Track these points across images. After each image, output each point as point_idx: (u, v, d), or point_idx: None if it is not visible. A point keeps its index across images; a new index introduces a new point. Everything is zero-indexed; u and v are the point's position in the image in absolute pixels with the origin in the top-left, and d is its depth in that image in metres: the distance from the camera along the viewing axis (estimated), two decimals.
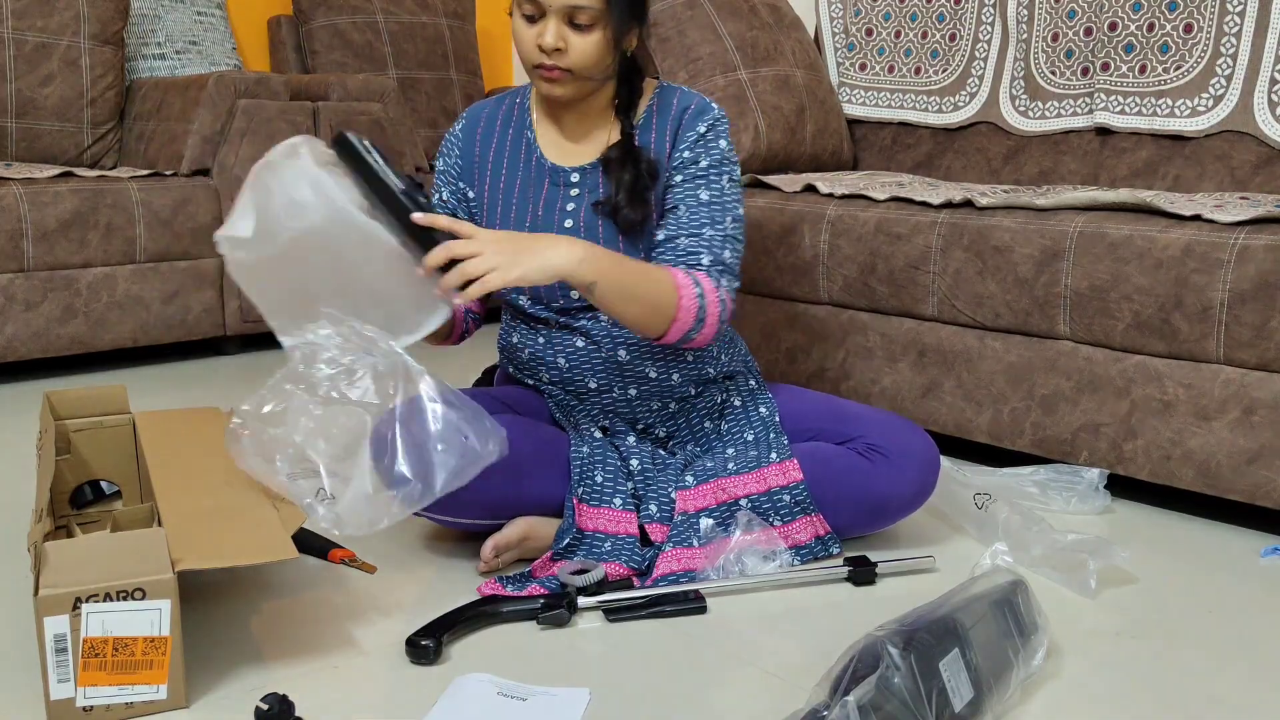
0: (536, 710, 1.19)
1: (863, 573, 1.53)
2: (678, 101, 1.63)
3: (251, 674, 1.25)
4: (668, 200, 1.60)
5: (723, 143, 1.61)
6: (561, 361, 1.63)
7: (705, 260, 1.56)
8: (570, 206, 1.61)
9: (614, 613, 1.41)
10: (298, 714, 1.14)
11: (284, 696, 1.14)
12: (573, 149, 1.64)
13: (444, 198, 1.67)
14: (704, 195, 1.59)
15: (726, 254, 1.57)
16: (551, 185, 1.62)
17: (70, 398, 1.68)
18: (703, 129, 1.60)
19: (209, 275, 2.94)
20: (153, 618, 1.13)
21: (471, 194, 1.67)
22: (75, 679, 1.11)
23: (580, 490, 1.56)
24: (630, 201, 1.56)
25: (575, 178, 1.62)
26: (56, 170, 2.77)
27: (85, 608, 1.10)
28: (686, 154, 1.60)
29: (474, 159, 1.66)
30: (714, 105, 1.64)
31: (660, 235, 1.59)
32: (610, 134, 1.63)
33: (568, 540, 1.52)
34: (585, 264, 1.41)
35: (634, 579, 1.50)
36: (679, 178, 1.60)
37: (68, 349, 2.73)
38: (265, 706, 1.12)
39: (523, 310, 1.63)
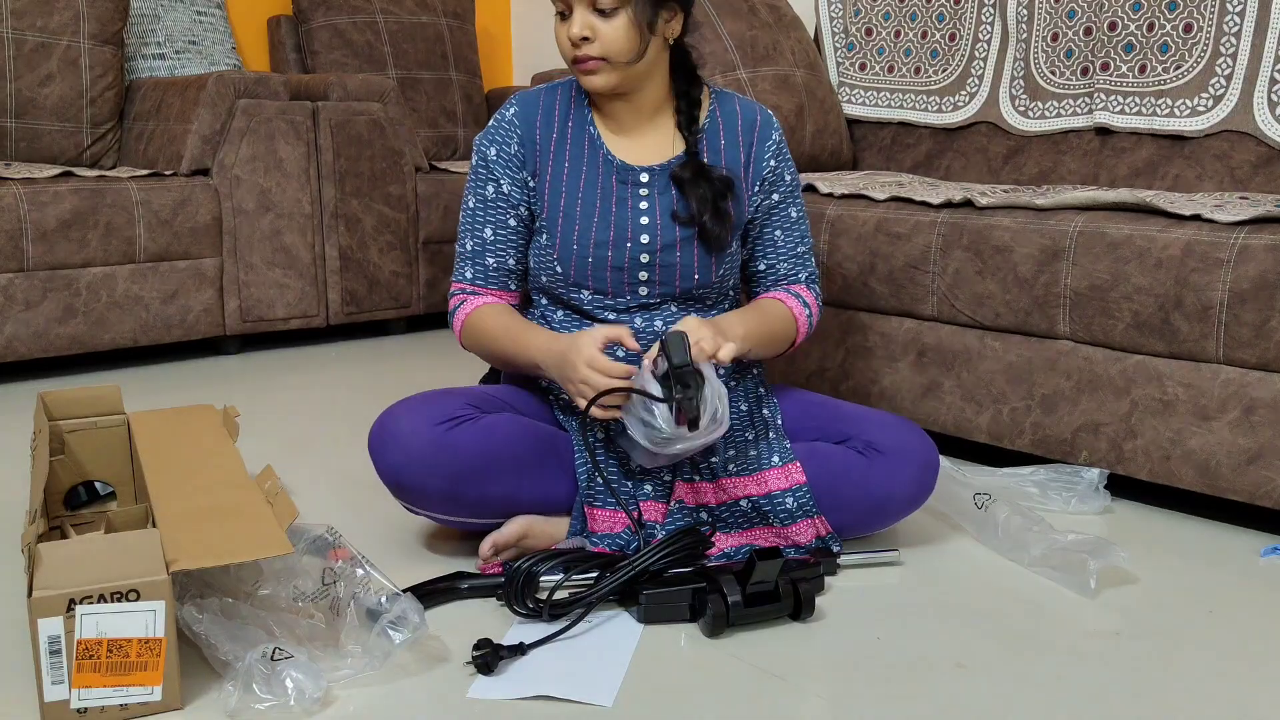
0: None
1: (826, 564, 1.53)
2: (740, 109, 1.69)
3: None
4: (762, 219, 1.69)
5: (787, 148, 1.72)
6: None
7: (803, 276, 1.74)
8: (644, 206, 1.61)
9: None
10: None
11: None
12: (637, 147, 1.64)
13: (503, 189, 1.63)
14: (794, 214, 1.72)
15: (813, 263, 1.75)
16: (620, 183, 1.62)
17: (65, 398, 1.67)
18: (776, 137, 1.70)
19: (209, 275, 2.94)
20: (147, 619, 1.12)
21: (532, 183, 1.64)
22: (70, 681, 1.11)
23: (586, 495, 1.55)
24: (714, 217, 1.60)
25: (645, 178, 1.62)
26: (56, 170, 2.77)
27: (79, 609, 1.10)
28: (773, 164, 1.69)
29: (535, 147, 1.63)
30: (766, 109, 1.72)
31: (761, 265, 1.72)
32: (674, 134, 1.65)
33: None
34: (746, 341, 1.56)
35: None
36: (775, 196, 1.69)
37: (67, 349, 2.73)
38: None
39: (578, 307, 1.64)
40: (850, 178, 2.44)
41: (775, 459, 1.59)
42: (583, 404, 1.46)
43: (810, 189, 2.30)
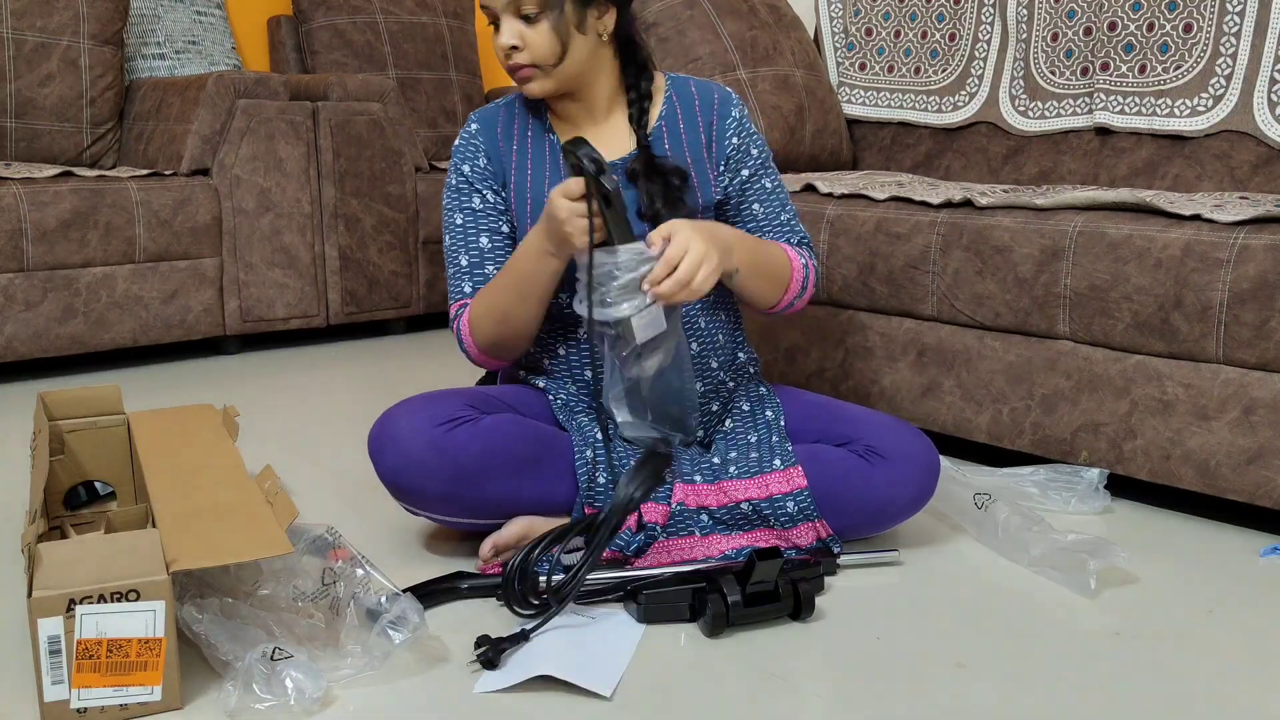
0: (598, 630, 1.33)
1: (826, 564, 1.53)
2: (696, 91, 1.70)
3: None
4: (737, 196, 1.70)
5: (751, 123, 1.71)
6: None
7: (794, 241, 1.72)
8: None
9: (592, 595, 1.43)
10: None
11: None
12: (596, 145, 1.62)
13: (488, 199, 1.64)
14: (768, 184, 1.71)
15: (801, 228, 1.74)
16: None
17: (64, 398, 1.67)
18: (737, 114, 1.70)
19: (209, 275, 2.94)
20: (147, 619, 1.12)
21: (503, 193, 1.65)
22: (69, 681, 1.11)
23: (587, 495, 1.56)
24: (669, 208, 1.58)
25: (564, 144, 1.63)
26: (56, 170, 2.77)
27: (79, 609, 1.10)
28: (735, 140, 1.68)
29: (500, 157, 1.65)
30: (724, 87, 1.73)
31: None
32: (629, 128, 1.65)
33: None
34: (731, 252, 1.50)
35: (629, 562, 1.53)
36: (745, 172, 1.69)
37: (67, 349, 2.73)
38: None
39: (555, 313, 1.63)
40: (850, 178, 2.44)
41: (777, 462, 1.59)
42: (579, 233, 1.42)
43: (810, 189, 2.30)
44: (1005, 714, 1.19)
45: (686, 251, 1.39)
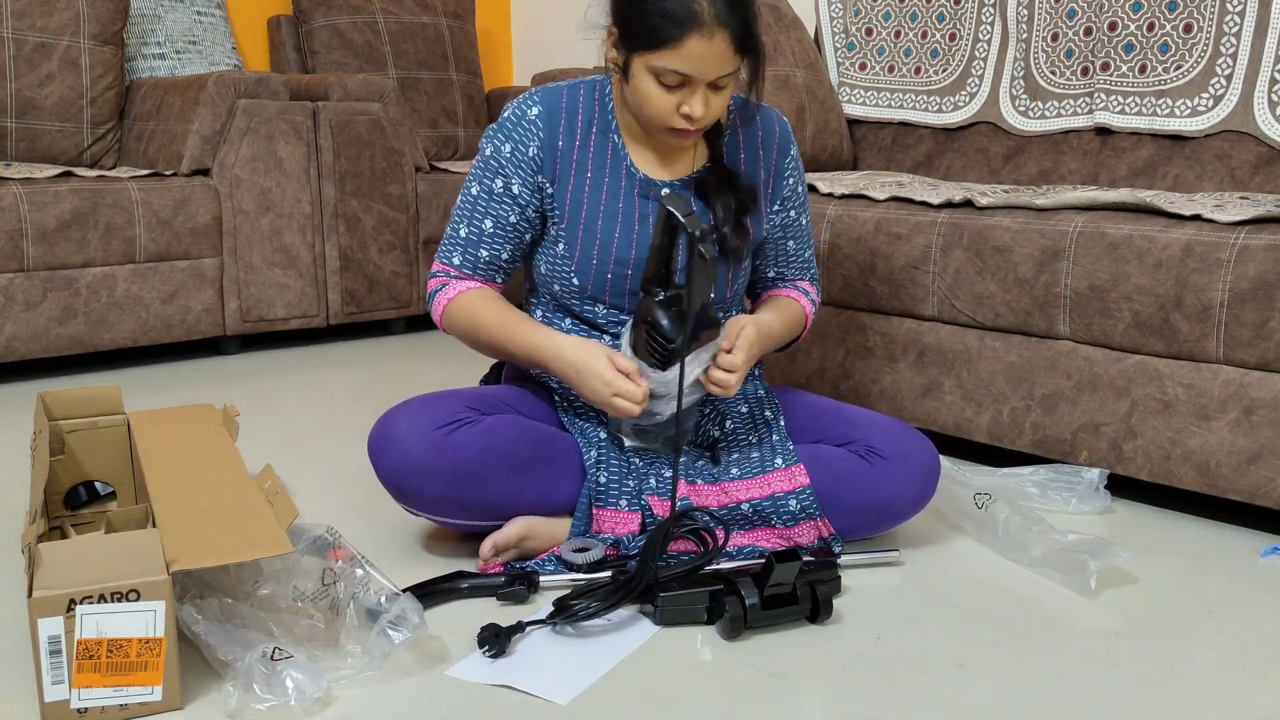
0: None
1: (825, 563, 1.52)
2: (760, 121, 1.67)
3: None
4: (779, 233, 1.71)
5: (801, 158, 1.74)
6: None
7: (808, 275, 1.78)
8: None
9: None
10: None
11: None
12: (660, 160, 1.61)
13: (512, 188, 1.57)
14: (804, 222, 1.74)
15: (815, 264, 1.80)
16: (642, 198, 1.59)
17: (65, 398, 1.67)
18: (794, 152, 1.70)
19: (209, 275, 2.94)
20: (147, 619, 1.12)
21: (550, 189, 1.58)
22: (70, 681, 1.11)
23: (597, 497, 1.56)
24: (734, 229, 1.58)
25: (666, 193, 1.61)
26: (56, 170, 2.77)
27: (79, 609, 1.10)
28: (792, 181, 1.70)
29: (556, 151, 1.58)
30: (781, 115, 1.72)
31: (771, 273, 1.75)
32: (696, 146, 1.62)
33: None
34: (770, 338, 1.63)
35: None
36: (793, 212, 1.71)
37: (67, 349, 2.73)
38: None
39: (590, 321, 1.62)
40: (850, 178, 2.44)
41: (779, 460, 1.59)
42: (618, 411, 1.48)
43: (810, 189, 2.30)
44: (1005, 714, 1.19)
45: (739, 367, 1.51)
